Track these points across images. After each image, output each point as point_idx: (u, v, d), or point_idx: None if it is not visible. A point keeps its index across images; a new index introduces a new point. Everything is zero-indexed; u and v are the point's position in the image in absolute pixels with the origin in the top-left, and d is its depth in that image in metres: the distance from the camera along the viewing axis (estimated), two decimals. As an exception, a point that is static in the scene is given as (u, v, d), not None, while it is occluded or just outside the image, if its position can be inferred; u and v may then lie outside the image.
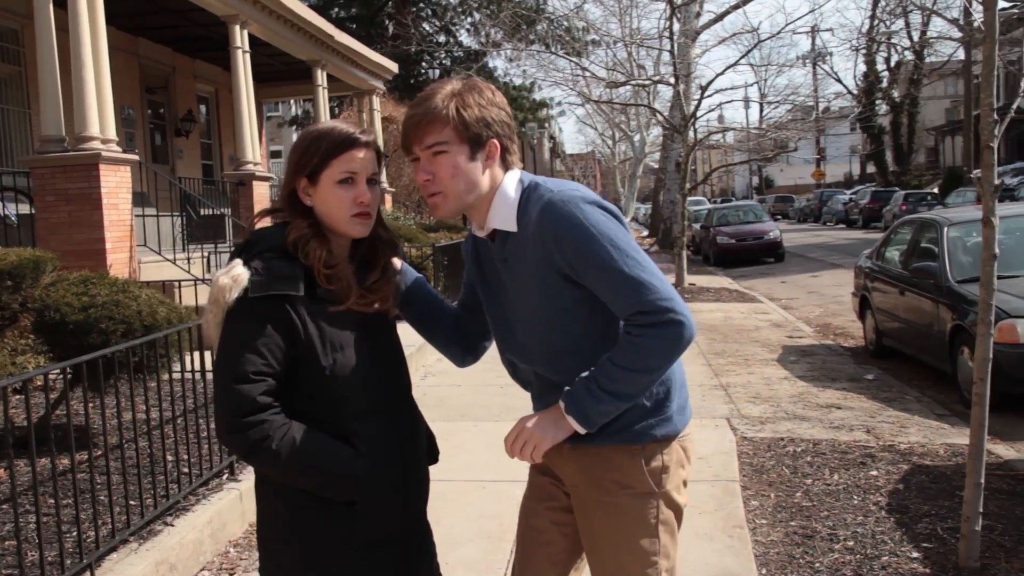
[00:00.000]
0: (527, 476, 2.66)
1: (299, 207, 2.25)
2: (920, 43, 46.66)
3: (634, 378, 2.18)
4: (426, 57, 34.54)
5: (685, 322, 2.15)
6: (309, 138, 2.25)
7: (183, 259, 11.58)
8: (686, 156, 19.11)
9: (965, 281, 8.30)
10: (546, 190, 2.27)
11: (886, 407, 7.58)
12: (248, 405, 2.08)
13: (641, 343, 2.15)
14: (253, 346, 2.11)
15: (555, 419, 2.26)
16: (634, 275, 2.15)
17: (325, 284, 2.19)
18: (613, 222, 2.22)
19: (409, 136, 2.28)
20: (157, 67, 17.27)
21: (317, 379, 2.17)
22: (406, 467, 2.30)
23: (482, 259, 2.49)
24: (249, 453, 2.13)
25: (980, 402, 4.21)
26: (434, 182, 2.27)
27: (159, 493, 4.70)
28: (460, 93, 2.26)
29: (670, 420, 2.35)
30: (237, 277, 2.13)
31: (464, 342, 2.65)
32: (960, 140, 51.32)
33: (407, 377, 2.43)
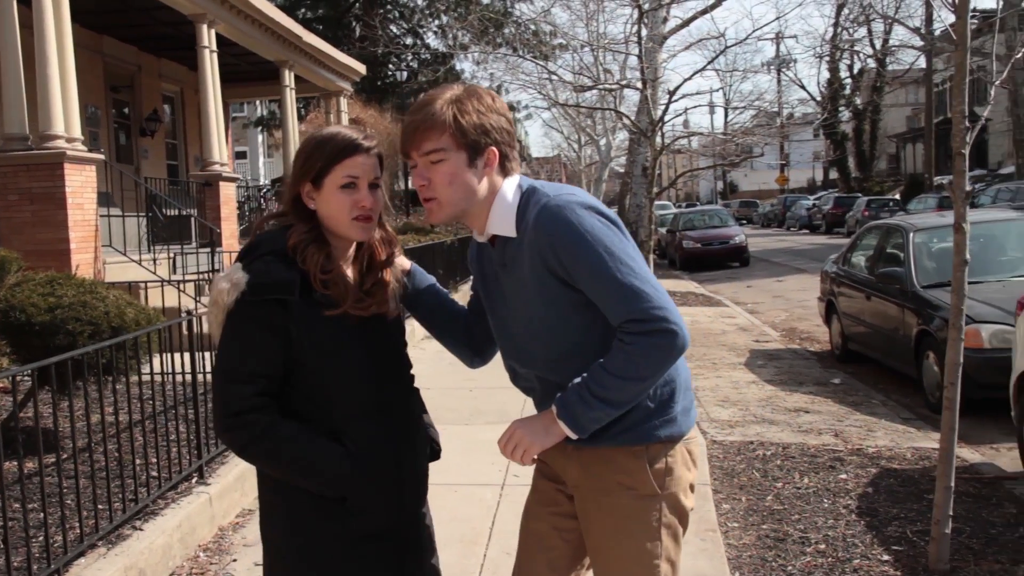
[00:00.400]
0: (499, 480, 2.67)
1: (303, 211, 2.30)
2: (882, 51, 47.20)
3: (626, 386, 2.18)
4: (393, 59, 34.44)
5: (678, 331, 2.15)
6: (313, 143, 2.30)
7: (149, 260, 11.46)
8: (653, 160, 19.18)
9: (931, 286, 8.41)
10: (543, 195, 2.27)
11: (853, 411, 7.64)
12: (241, 404, 2.18)
13: (633, 351, 2.15)
14: (248, 347, 2.20)
15: (546, 424, 2.26)
16: (627, 282, 2.15)
17: (321, 289, 2.23)
18: (609, 228, 2.22)
19: (407, 141, 2.28)
20: (122, 66, 17.06)
21: (311, 381, 2.25)
22: (400, 466, 2.35)
23: (484, 265, 2.49)
24: (243, 450, 2.24)
25: (951, 407, 4.25)
26: (430, 188, 2.28)
27: (127, 497, 4.63)
28: (459, 99, 2.26)
29: (674, 421, 2.35)
30: (236, 280, 2.20)
31: (473, 345, 2.65)
32: (921, 147, 52.04)
33: (407, 378, 2.47)
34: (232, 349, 2.22)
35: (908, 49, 44.01)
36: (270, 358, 2.20)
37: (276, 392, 2.24)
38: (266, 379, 2.20)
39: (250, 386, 2.19)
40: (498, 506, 5.40)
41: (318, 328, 2.22)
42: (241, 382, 2.19)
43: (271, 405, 2.22)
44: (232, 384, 2.20)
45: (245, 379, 2.19)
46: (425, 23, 37.53)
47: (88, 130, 15.07)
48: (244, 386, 2.19)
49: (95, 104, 15.85)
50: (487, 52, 26.51)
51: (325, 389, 2.25)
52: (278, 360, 2.20)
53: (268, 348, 2.19)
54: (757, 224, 57.67)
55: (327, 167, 2.26)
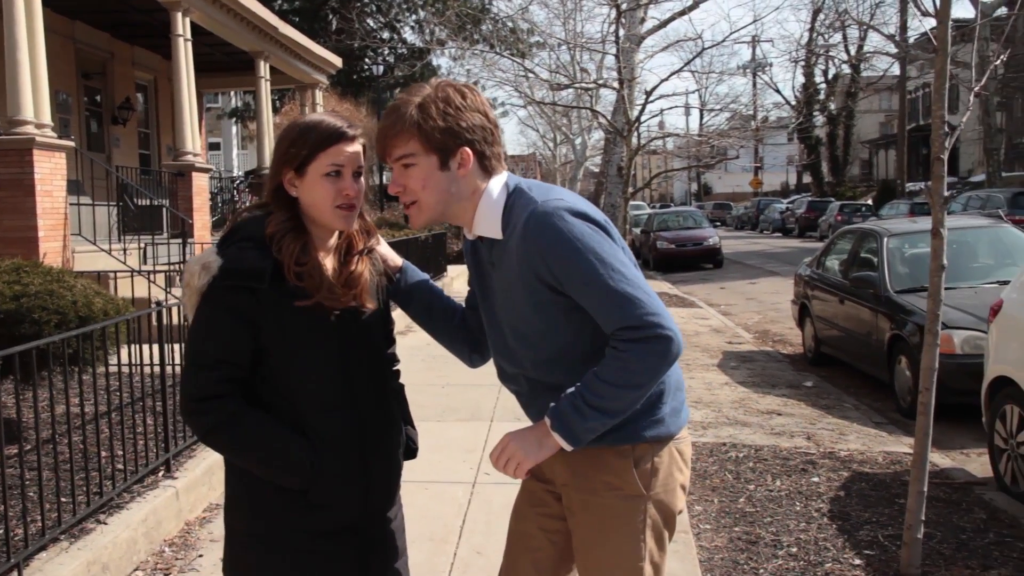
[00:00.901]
0: (470, 478, 2.63)
1: (284, 199, 2.26)
2: (857, 57, 47.53)
3: (621, 394, 2.14)
4: (370, 53, 34.20)
5: (673, 337, 2.12)
6: (297, 130, 2.26)
7: (119, 250, 11.28)
8: (628, 160, 19.21)
9: (904, 291, 8.44)
10: (530, 199, 2.22)
11: (825, 414, 7.65)
12: (205, 390, 2.17)
13: (627, 359, 2.11)
14: (215, 333, 2.18)
15: (540, 437, 2.22)
16: (619, 289, 2.11)
17: (294, 280, 2.19)
18: (599, 234, 2.18)
19: (380, 147, 2.26)
20: (94, 52, 16.82)
21: (278, 371, 2.22)
22: (368, 463, 2.30)
23: (477, 260, 2.45)
24: (206, 436, 2.22)
25: (925, 412, 4.24)
26: (406, 193, 2.26)
27: (92, 490, 4.54)
28: (424, 104, 2.21)
29: (662, 422, 2.31)
30: (207, 264, 2.17)
31: (470, 341, 2.60)
32: (893, 153, 52.47)
33: (383, 372, 2.42)
34: (200, 333, 2.20)
35: (882, 56, 44.40)
36: (236, 345, 2.17)
37: (242, 379, 2.21)
38: (232, 366, 2.18)
39: (216, 371, 2.17)
40: (469, 504, 5.35)
41: (288, 318, 2.18)
42: (207, 367, 2.17)
43: (236, 392, 2.19)
44: (198, 369, 2.18)
45: (211, 364, 2.17)
46: (402, 17, 37.43)
47: (59, 117, 14.85)
48: (210, 371, 2.17)
49: (66, 91, 15.61)
50: (464, 48, 26.47)
51: (292, 380, 2.21)
52: (244, 347, 2.18)
53: (234, 335, 2.17)
54: (731, 226, 57.95)
55: (312, 155, 2.21)
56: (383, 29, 36.71)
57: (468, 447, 6.46)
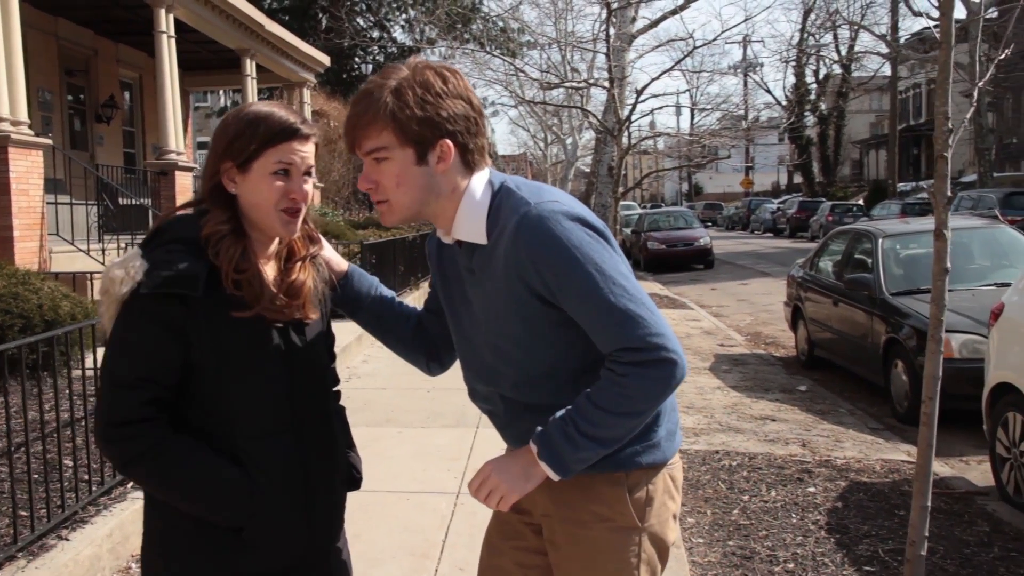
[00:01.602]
0: (454, 488, 2.41)
1: (222, 196, 2.01)
2: (848, 57, 47.48)
3: (618, 422, 1.92)
4: (359, 52, 34.02)
5: (677, 360, 1.90)
6: (243, 121, 2.00)
7: (98, 250, 11.04)
8: (619, 160, 19.01)
9: (900, 294, 8.27)
10: (521, 201, 1.98)
11: (820, 420, 7.47)
12: (125, 413, 1.90)
13: (626, 383, 1.89)
14: (138, 348, 1.92)
15: (525, 466, 1.98)
16: (620, 306, 1.89)
17: (231, 288, 1.95)
18: (599, 243, 1.95)
19: (349, 138, 2.01)
20: (77, 49, 16.57)
21: (211, 391, 1.97)
22: (312, 493, 2.07)
23: (445, 263, 2.20)
24: (124, 467, 1.95)
25: (928, 422, 4.03)
26: (378, 191, 2.01)
27: (54, 503, 4.32)
28: (400, 88, 1.95)
29: (658, 447, 2.09)
30: (131, 269, 1.92)
31: (427, 349, 2.37)
32: (884, 154, 52.44)
33: (327, 393, 2.19)
34: (120, 349, 1.93)
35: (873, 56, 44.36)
36: (163, 362, 1.92)
37: (169, 401, 1.95)
38: (157, 386, 1.92)
39: (138, 393, 1.90)
40: (452, 516, 5.14)
41: (223, 331, 1.94)
42: (127, 387, 1.90)
43: (161, 416, 1.94)
44: (117, 389, 1.91)
45: (132, 384, 1.90)
46: (392, 16, 37.18)
47: (41, 115, 14.64)
48: (131, 392, 1.90)
49: (48, 88, 15.37)
50: (454, 47, 26.24)
51: (227, 402, 1.97)
52: (172, 365, 1.93)
53: (161, 350, 1.91)
54: (721, 227, 57.84)
55: (260, 150, 1.97)
56: (373, 28, 36.49)
57: (453, 455, 6.25)
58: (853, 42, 47.59)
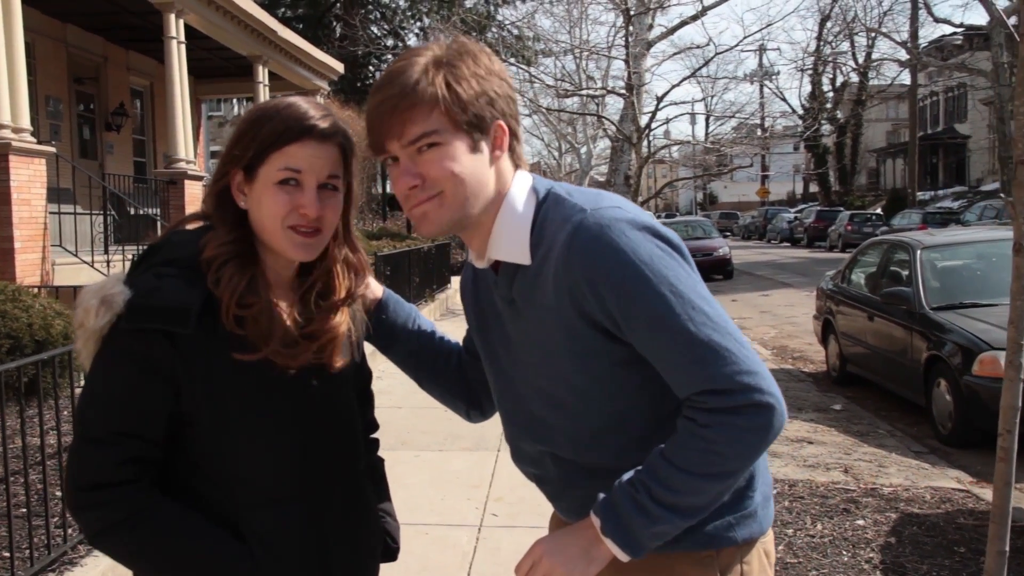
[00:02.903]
0: (475, 520, 2.03)
1: (230, 211, 1.65)
2: (865, 64, 47.06)
3: (703, 485, 1.51)
4: (374, 60, 33.81)
5: (775, 405, 1.50)
6: (251, 118, 1.64)
7: (103, 262, 10.71)
8: (638, 169, 18.65)
9: (941, 308, 7.84)
10: (574, 208, 1.59)
11: (860, 443, 7.05)
12: (96, 475, 1.54)
13: (711, 436, 1.49)
14: (114, 397, 1.56)
15: (586, 545, 1.57)
16: (702, 337, 1.50)
17: (232, 326, 1.56)
18: (673, 258, 1.56)
19: (382, 128, 1.58)
20: (87, 56, 16.30)
21: (205, 448, 1.59)
22: (329, 573, 1.68)
23: (481, 296, 1.80)
24: (97, 537, 1.58)
25: (1007, 458, 3.63)
26: (425, 185, 1.58)
27: (39, 543, 3.95)
28: (449, 61, 1.58)
29: (753, 517, 1.67)
30: (108, 296, 1.55)
31: (467, 395, 1.99)
32: (900, 162, 51.94)
33: (354, 449, 1.79)
34: (95, 396, 1.57)
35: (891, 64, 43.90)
36: (145, 413, 1.56)
37: (154, 459, 1.58)
38: (138, 441, 1.56)
39: (113, 451, 1.54)
40: (475, 553, 4.75)
41: (220, 377, 1.57)
42: (103, 443, 1.54)
43: (144, 477, 1.57)
44: (91, 444, 1.55)
45: (106, 439, 1.54)
46: (407, 24, 36.94)
47: (49, 123, 14.36)
48: (107, 449, 1.54)
49: (57, 95, 15.09)
50: (469, 55, 25.99)
51: (225, 462, 1.60)
52: (157, 416, 1.57)
53: (143, 399, 1.55)
54: (737, 236, 57.38)
55: (262, 153, 1.59)
56: (387, 36, 36.24)
57: (473, 482, 5.86)
58: (871, 49, 47.23)
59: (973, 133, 48.05)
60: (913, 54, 34.49)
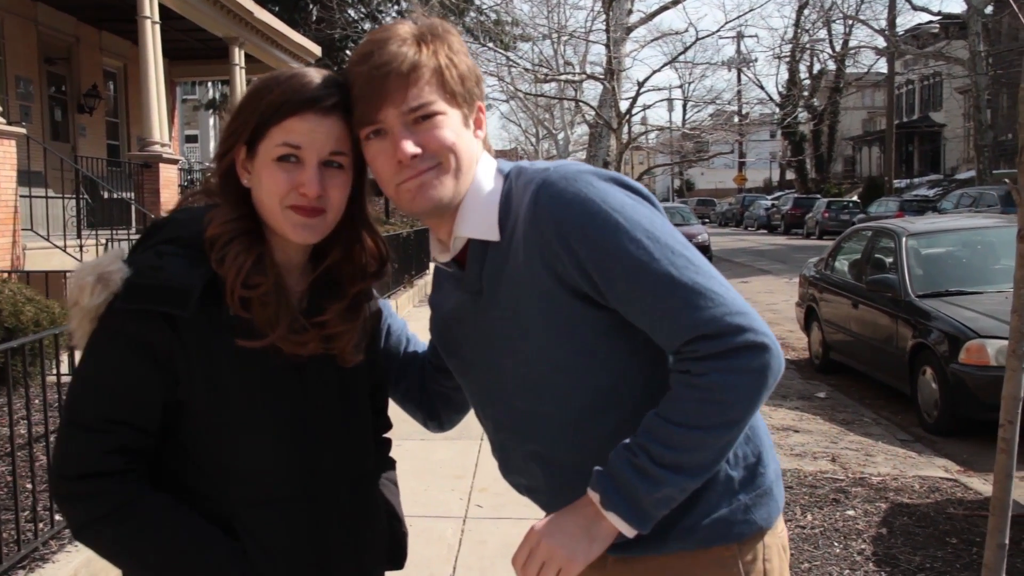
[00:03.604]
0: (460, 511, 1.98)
1: (234, 189, 1.55)
2: (842, 52, 47.20)
3: (705, 439, 1.40)
4: (351, 43, 33.48)
5: (769, 345, 1.40)
6: (253, 89, 1.57)
7: (76, 247, 10.49)
8: (619, 155, 18.55)
9: (926, 296, 7.78)
10: (537, 170, 1.53)
11: (846, 431, 6.99)
12: (84, 464, 1.44)
13: (708, 384, 1.39)
14: (106, 381, 1.46)
15: (587, 524, 1.46)
16: (686, 280, 1.40)
17: (237, 308, 1.45)
18: (645, 205, 1.49)
19: (374, 96, 1.46)
20: (58, 36, 15.97)
21: (203, 441, 1.49)
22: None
23: (446, 301, 1.69)
24: (79, 531, 1.48)
25: (1007, 449, 3.55)
26: (426, 156, 1.48)
27: (8, 538, 3.80)
28: (441, 36, 1.51)
29: (770, 494, 1.56)
30: (106, 274, 1.45)
31: (427, 406, 1.90)
32: (876, 150, 52.16)
33: (363, 449, 1.67)
34: (85, 379, 1.47)
35: (867, 52, 44.05)
36: (138, 400, 1.45)
37: (146, 449, 1.48)
38: (129, 430, 1.45)
39: (102, 438, 1.44)
40: (460, 545, 4.64)
41: (222, 364, 1.46)
42: (90, 430, 1.44)
43: (133, 469, 1.46)
44: (77, 432, 1.45)
45: (96, 426, 1.44)
46: (384, 7, 36.65)
47: (19, 104, 14.06)
48: (93, 437, 1.44)
49: (28, 76, 14.77)
50: (448, 39, 25.79)
51: (222, 456, 1.49)
52: (151, 404, 1.46)
53: (137, 385, 1.45)
54: (715, 223, 57.46)
55: (262, 128, 1.49)
56: (365, 19, 35.99)
57: (457, 472, 5.76)
58: (848, 37, 47.37)
59: (948, 122, 48.30)
60: (891, 42, 34.59)
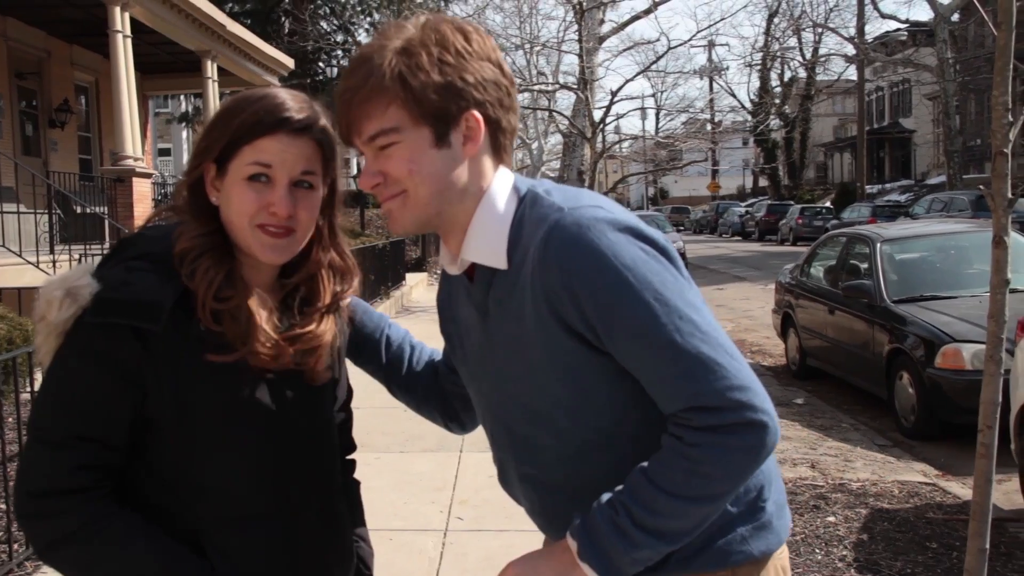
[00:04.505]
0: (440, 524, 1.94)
1: (204, 207, 1.55)
2: (812, 60, 47.59)
3: (688, 510, 1.39)
4: (323, 55, 33.43)
5: (768, 424, 1.38)
6: (224, 108, 1.57)
7: (49, 262, 10.38)
8: (593, 164, 18.59)
9: (902, 301, 7.83)
10: (551, 206, 1.47)
11: (824, 437, 7.02)
12: (49, 481, 1.42)
13: (698, 456, 1.37)
14: (73, 396, 1.44)
15: (562, 570, 1.45)
16: (690, 348, 1.37)
17: (208, 322, 1.45)
18: (659, 261, 1.43)
19: (344, 122, 1.47)
20: (28, 51, 15.83)
21: (172, 458, 1.47)
22: None
23: (457, 306, 1.67)
24: (44, 551, 1.46)
25: (987, 453, 3.56)
26: (387, 184, 1.47)
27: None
28: (408, 48, 1.44)
29: (769, 527, 1.54)
30: (74, 289, 1.45)
31: (444, 408, 1.86)
32: (848, 156, 52.59)
33: (330, 465, 1.67)
34: (52, 394, 1.46)
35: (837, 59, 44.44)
36: (107, 415, 1.44)
37: (114, 467, 1.45)
38: (96, 446, 1.43)
39: (69, 454, 1.42)
40: (441, 559, 4.61)
41: (192, 379, 1.45)
42: (59, 446, 1.42)
43: (101, 487, 1.44)
44: (42, 448, 1.43)
45: (62, 442, 1.42)
46: (357, 20, 36.58)
47: (-12, 119, 13.93)
48: (60, 453, 1.42)
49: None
50: (420, 50, 25.78)
51: (192, 473, 1.48)
52: (120, 420, 1.45)
53: (105, 400, 1.43)
54: (689, 230, 57.72)
55: (233, 147, 1.48)
56: (337, 32, 35.90)
57: (437, 484, 5.72)
58: (818, 45, 47.78)
59: (918, 128, 48.74)
60: (860, 49, 34.90)
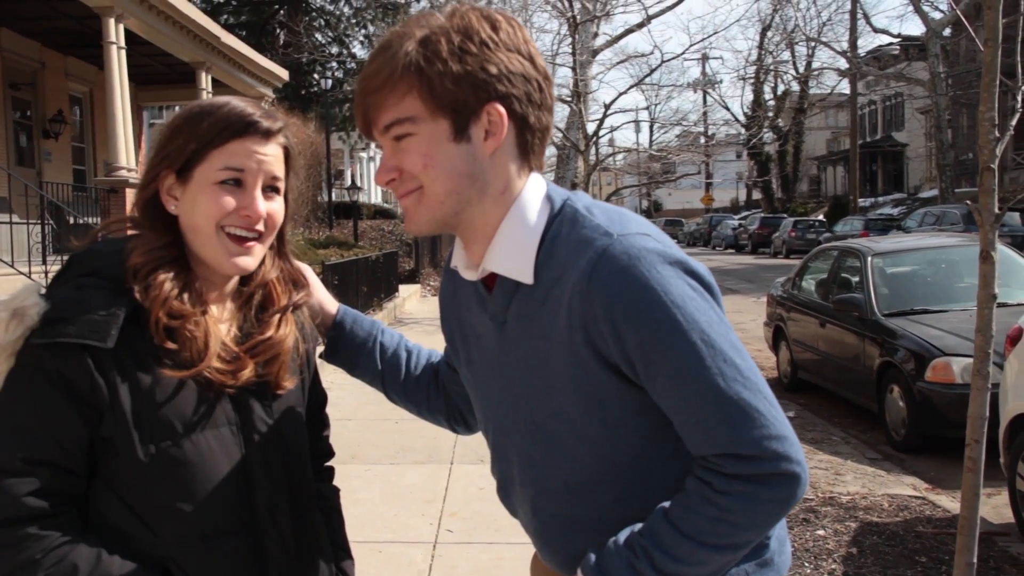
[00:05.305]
0: (430, 536, 1.91)
1: (159, 216, 1.51)
2: (805, 74, 47.79)
3: (709, 556, 1.34)
4: (318, 67, 33.46)
5: (801, 475, 1.34)
6: (186, 115, 1.51)
7: (41, 272, 10.36)
8: (587, 176, 18.63)
9: (893, 314, 7.86)
10: (597, 229, 1.39)
11: (816, 450, 7.03)
12: (6, 509, 1.36)
13: (727, 504, 1.32)
14: (25, 421, 1.38)
15: None
16: (732, 394, 1.31)
17: (163, 340, 1.42)
18: (706, 299, 1.36)
19: (361, 111, 1.42)
20: (23, 62, 15.85)
21: (132, 479, 1.42)
22: None
23: (463, 310, 1.61)
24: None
25: (975, 468, 3.57)
26: (402, 180, 1.41)
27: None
28: (429, 38, 1.36)
29: (771, 565, 1.49)
30: (22, 308, 1.39)
31: (448, 411, 1.83)
32: (841, 170, 52.76)
33: (301, 478, 1.62)
34: (3, 420, 1.39)
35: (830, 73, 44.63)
36: (61, 439, 1.39)
37: (74, 491, 1.42)
38: (54, 471, 1.39)
39: (25, 482, 1.37)
40: (431, 571, 4.61)
41: (148, 394, 1.41)
42: (12, 473, 1.37)
43: (62, 512, 1.40)
44: (2, 476, 1.37)
45: (17, 470, 1.37)
46: (351, 32, 36.66)
47: (-18, 130, 13.93)
48: (16, 482, 1.36)
49: (-9, 102, 14.67)
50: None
51: (153, 492, 1.43)
52: (75, 442, 1.40)
53: (58, 423, 1.38)
54: (683, 243, 57.77)
55: (202, 150, 1.46)
56: (332, 43, 35.98)
57: (427, 496, 5.72)
58: (811, 58, 47.99)
59: (911, 141, 48.96)
60: (853, 63, 35.06)
